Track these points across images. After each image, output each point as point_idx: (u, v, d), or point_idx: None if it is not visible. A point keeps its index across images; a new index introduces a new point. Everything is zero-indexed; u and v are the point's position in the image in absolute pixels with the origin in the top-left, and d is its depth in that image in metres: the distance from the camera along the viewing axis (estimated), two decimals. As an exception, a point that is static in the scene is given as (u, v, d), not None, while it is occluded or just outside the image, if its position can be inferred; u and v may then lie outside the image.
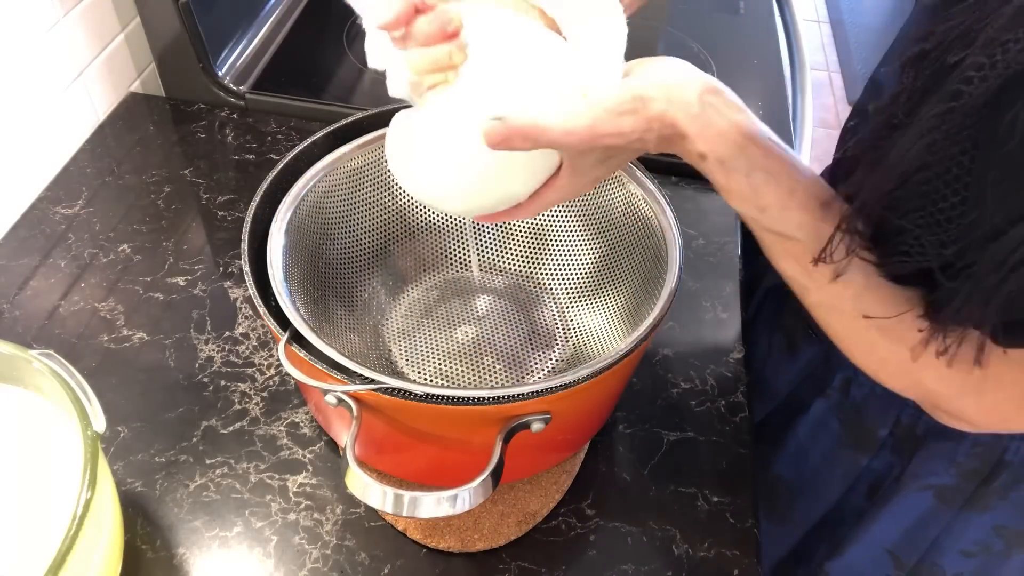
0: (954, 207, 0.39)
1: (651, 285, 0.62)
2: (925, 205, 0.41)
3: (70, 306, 0.75)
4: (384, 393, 0.50)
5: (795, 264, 0.46)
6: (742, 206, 0.46)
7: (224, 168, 0.90)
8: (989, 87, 0.36)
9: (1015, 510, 0.60)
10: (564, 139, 0.44)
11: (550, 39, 0.46)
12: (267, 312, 0.55)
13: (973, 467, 0.59)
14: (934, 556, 0.66)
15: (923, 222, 0.41)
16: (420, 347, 0.68)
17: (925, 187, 0.40)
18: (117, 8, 0.91)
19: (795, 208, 0.45)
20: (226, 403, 0.69)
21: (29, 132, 0.82)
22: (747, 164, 0.44)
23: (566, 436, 0.62)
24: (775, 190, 0.44)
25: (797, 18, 1.20)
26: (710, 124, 0.44)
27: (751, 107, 0.46)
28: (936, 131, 0.39)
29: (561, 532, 0.63)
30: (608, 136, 0.44)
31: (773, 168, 0.45)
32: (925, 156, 0.40)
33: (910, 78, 0.42)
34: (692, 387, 0.72)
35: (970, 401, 0.44)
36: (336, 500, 0.63)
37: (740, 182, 0.45)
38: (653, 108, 0.44)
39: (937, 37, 0.40)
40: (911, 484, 0.63)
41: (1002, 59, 0.36)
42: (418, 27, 0.43)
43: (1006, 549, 0.63)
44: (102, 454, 0.48)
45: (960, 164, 0.39)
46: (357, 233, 0.70)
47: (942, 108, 0.38)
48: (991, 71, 0.36)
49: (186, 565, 0.60)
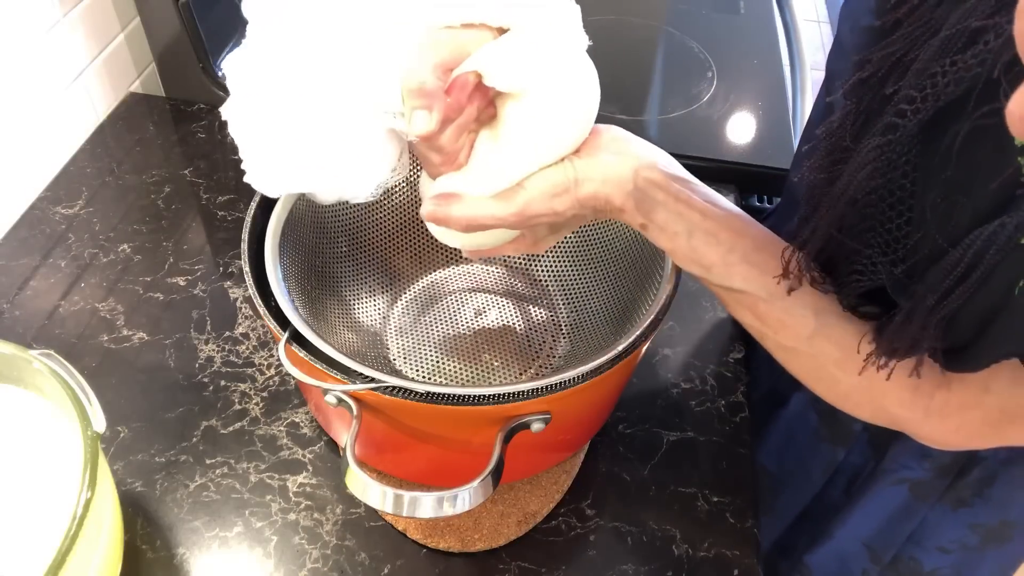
0: (900, 228, 0.41)
1: (649, 284, 0.62)
2: (874, 227, 0.42)
3: (70, 306, 0.75)
4: (384, 392, 0.50)
5: (748, 313, 0.49)
6: (689, 267, 0.49)
7: (224, 168, 0.90)
8: (922, 119, 0.38)
9: (991, 507, 0.61)
10: (497, 224, 0.47)
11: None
12: (267, 312, 0.55)
13: (946, 461, 0.60)
14: (911, 550, 0.66)
15: (873, 242, 0.43)
16: (418, 345, 0.68)
17: (872, 210, 0.42)
18: (117, 8, 0.91)
19: (737, 263, 0.47)
20: (226, 403, 0.69)
21: (29, 132, 0.83)
22: (687, 228, 0.47)
23: (566, 436, 0.62)
24: (716, 249, 0.47)
25: (797, 18, 1.20)
26: (646, 197, 0.47)
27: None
28: (877, 160, 0.40)
29: (561, 532, 0.63)
30: (542, 216, 0.48)
31: (712, 229, 0.47)
32: (868, 183, 0.41)
33: (853, 104, 0.44)
34: (692, 387, 0.72)
35: (935, 424, 0.46)
36: (336, 500, 0.63)
37: (682, 245, 0.48)
38: (585, 189, 0.47)
39: (873, 66, 0.42)
40: (886, 478, 0.63)
41: (931, 92, 0.37)
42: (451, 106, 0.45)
43: (981, 545, 0.63)
44: (102, 454, 0.48)
45: (903, 187, 0.40)
46: (354, 232, 0.70)
47: (880, 140, 0.40)
48: (922, 104, 0.38)
49: (186, 565, 0.60)
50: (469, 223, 0.47)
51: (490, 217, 0.47)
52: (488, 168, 0.47)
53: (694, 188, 0.48)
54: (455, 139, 0.46)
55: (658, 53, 1.11)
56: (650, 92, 1.03)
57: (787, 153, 0.95)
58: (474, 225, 0.48)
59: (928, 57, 0.38)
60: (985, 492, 0.60)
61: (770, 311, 0.47)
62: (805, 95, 1.07)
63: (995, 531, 0.62)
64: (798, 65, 1.13)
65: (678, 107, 0.99)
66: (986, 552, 0.64)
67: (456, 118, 0.45)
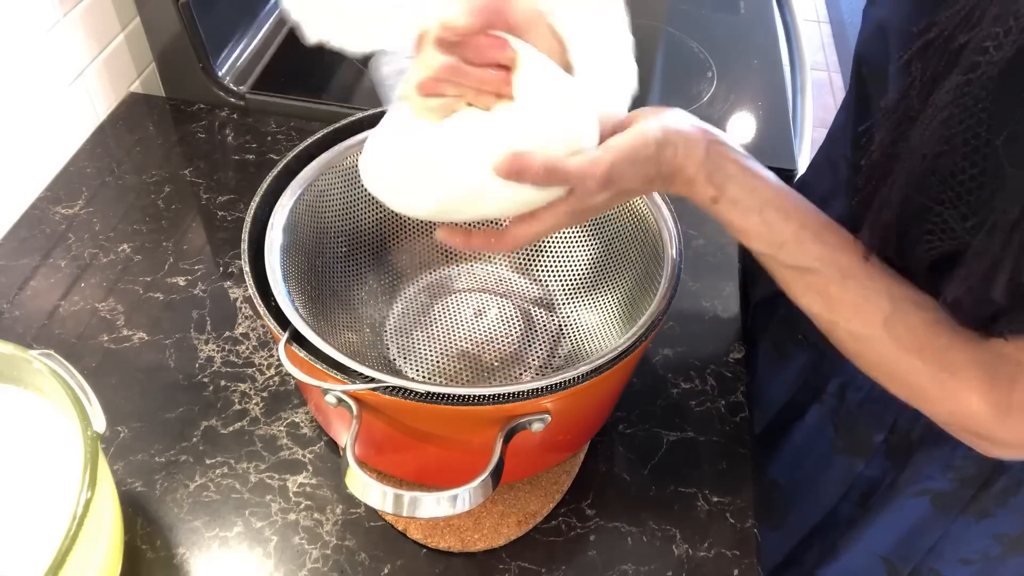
0: (973, 179, 0.40)
1: (649, 283, 0.62)
2: (946, 179, 0.41)
3: (70, 306, 0.75)
4: (384, 392, 0.50)
5: (819, 299, 0.47)
6: (759, 245, 0.47)
7: (224, 168, 0.90)
8: (1005, 55, 0.37)
9: (1014, 516, 0.60)
10: (580, 182, 0.45)
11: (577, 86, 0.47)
12: (267, 312, 0.55)
13: (971, 472, 0.59)
14: (932, 562, 0.66)
15: (944, 198, 0.42)
16: (418, 345, 0.68)
17: (944, 161, 0.41)
18: (117, 8, 0.91)
19: (810, 240, 0.46)
20: (226, 403, 0.69)
21: (29, 132, 0.83)
22: (759, 202, 0.46)
23: (566, 436, 0.62)
24: (789, 225, 0.46)
25: (797, 18, 1.20)
26: (719, 168, 0.46)
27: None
28: (953, 104, 0.40)
29: (561, 532, 0.63)
30: (623, 180, 0.45)
31: (784, 204, 0.46)
32: (943, 131, 0.40)
33: (918, 70, 0.43)
34: (692, 387, 0.72)
35: (1015, 424, 0.44)
36: (336, 500, 0.63)
37: (754, 221, 0.46)
38: (667, 152, 0.46)
39: (940, 26, 0.41)
40: (906, 490, 0.62)
41: (1016, 26, 0.37)
42: (481, 44, 0.43)
43: (1004, 554, 0.63)
44: (102, 454, 0.48)
45: (977, 135, 0.39)
46: (354, 232, 0.70)
47: (960, 80, 0.39)
48: (1006, 39, 0.37)
49: (186, 565, 0.60)
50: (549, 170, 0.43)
51: (575, 172, 0.44)
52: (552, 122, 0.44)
53: (758, 164, 0.47)
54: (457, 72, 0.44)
55: (658, 53, 1.11)
56: (650, 92, 1.03)
57: (787, 153, 0.95)
58: (555, 176, 0.44)
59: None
60: (1009, 501, 0.59)
61: (843, 294, 0.46)
62: (805, 95, 1.07)
63: (1018, 540, 0.61)
64: (798, 65, 1.13)
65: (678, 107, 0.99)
66: (1008, 560, 0.63)
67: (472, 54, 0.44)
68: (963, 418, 0.45)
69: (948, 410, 0.46)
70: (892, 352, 0.46)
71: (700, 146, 0.46)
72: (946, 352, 0.44)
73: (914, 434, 0.61)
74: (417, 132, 0.47)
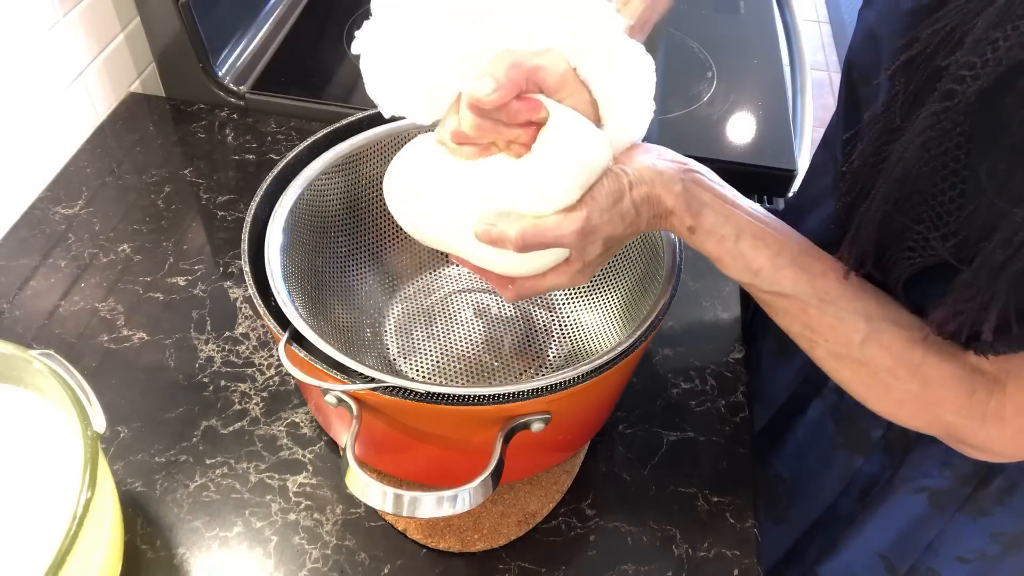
0: (952, 200, 0.41)
1: (649, 283, 0.62)
2: (926, 199, 0.42)
3: (70, 306, 0.75)
4: (384, 392, 0.50)
5: (797, 322, 0.48)
6: (736, 272, 0.49)
7: (224, 168, 0.90)
8: (981, 86, 0.38)
9: (1012, 515, 0.60)
10: (558, 240, 0.46)
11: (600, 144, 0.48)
12: (267, 312, 0.55)
13: (967, 471, 0.59)
14: (929, 561, 0.66)
15: (924, 216, 0.42)
16: (418, 345, 0.68)
17: (924, 182, 0.42)
18: (117, 8, 0.91)
19: (786, 266, 0.47)
20: (226, 403, 0.69)
21: (29, 132, 0.83)
22: (734, 230, 0.47)
23: (566, 436, 0.62)
24: (764, 252, 0.47)
25: (797, 18, 1.20)
26: (695, 198, 0.47)
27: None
28: (932, 129, 0.40)
29: (561, 532, 0.63)
30: (602, 229, 0.47)
31: (759, 232, 0.47)
32: (922, 153, 0.41)
33: (902, 84, 0.44)
34: (692, 387, 0.72)
35: (993, 431, 0.44)
36: (336, 500, 0.63)
37: (730, 249, 0.47)
38: (639, 192, 0.47)
39: (923, 42, 0.42)
40: (903, 486, 0.63)
41: (992, 57, 0.37)
42: (513, 108, 0.45)
43: (1001, 553, 0.63)
44: (102, 454, 0.48)
45: (956, 159, 0.40)
46: (354, 232, 0.70)
47: (937, 107, 0.40)
48: (983, 69, 0.38)
49: (186, 565, 0.60)
50: (526, 240, 0.46)
51: (550, 232, 0.46)
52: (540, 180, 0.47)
53: (734, 192, 0.48)
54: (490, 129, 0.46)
55: (658, 53, 1.11)
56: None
57: (787, 153, 0.95)
58: (532, 243, 0.46)
59: (987, 24, 0.38)
60: (1007, 501, 0.59)
61: (821, 317, 0.47)
62: (805, 95, 1.07)
63: (1016, 539, 0.61)
64: (798, 65, 1.13)
65: (678, 107, 0.99)
66: (1005, 560, 0.63)
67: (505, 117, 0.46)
68: (941, 428, 0.47)
69: (925, 423, 0.48)
70: (868, 371, 0.47)
71: (676, 179, 0.47)
72: (919, 368, 0.45)
73: (911, 431, 0.61)
74: (444, 167, 0.49)
